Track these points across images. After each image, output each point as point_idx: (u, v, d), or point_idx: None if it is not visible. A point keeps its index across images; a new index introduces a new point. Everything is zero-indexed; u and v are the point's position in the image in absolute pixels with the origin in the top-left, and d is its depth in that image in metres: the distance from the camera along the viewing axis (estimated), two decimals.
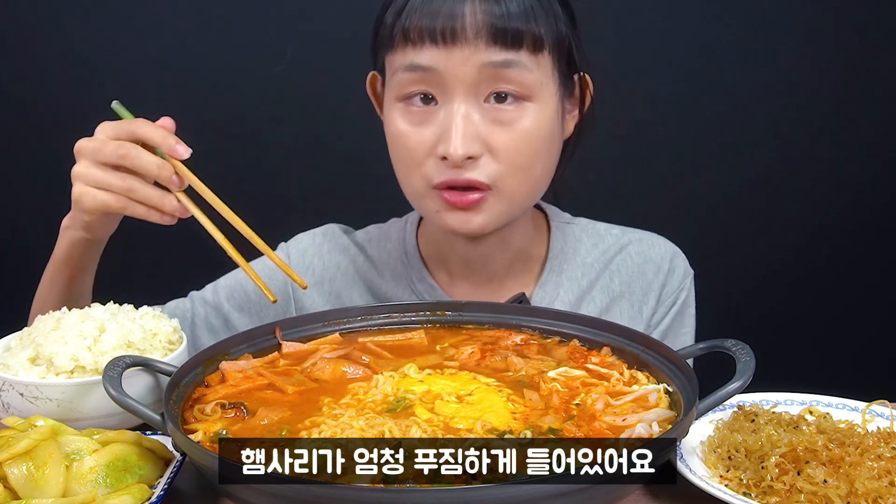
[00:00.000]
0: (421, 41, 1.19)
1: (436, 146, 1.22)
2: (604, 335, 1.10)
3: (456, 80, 1.19)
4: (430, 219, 1.33)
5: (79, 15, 2.24)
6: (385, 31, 1.24)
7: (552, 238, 1.45)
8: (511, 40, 1.18)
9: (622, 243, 1.46)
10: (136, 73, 2.22)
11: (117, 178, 1.16)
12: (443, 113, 1.22)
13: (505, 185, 1.24)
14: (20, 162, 2.30)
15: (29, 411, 1.00)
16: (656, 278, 1.44)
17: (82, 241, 1.26)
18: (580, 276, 1.43)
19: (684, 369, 0.94)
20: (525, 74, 1.20)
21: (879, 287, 2.46)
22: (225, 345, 1.07)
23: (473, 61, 1.18)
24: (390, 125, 1.28)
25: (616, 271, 1.44)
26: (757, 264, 2.42)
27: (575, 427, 0.90)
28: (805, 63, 2.32)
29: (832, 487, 0.85)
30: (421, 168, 1.25)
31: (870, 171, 2.40)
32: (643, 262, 1.45)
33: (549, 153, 1.28)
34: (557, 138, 1.29)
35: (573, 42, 1.27)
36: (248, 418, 0.93)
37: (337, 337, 1.14)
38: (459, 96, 1.20)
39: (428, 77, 1.21)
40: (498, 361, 1.08)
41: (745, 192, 2.40)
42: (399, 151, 1.28)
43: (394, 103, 1.26)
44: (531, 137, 1.23)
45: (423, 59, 1.20)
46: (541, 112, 1.23)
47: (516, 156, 1.23)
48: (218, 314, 1.46)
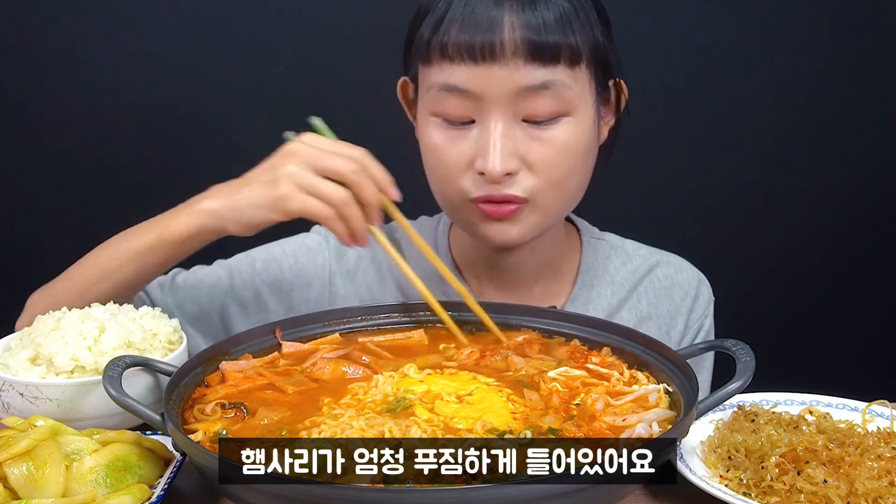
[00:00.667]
0: (459, 57, 1.18)
1: (473, 161, 1.22)
2: (604, 335, 1.10)
3: (493, 102, 1.19)
4: (465, 229, 1.32)
5: (79, 15, 2.24)
6: (421, 42, 1.22)
7: (584, 253, 1.45)
8: (548, 56, 1.17)
9: (650, 265, 1.47)
10: (136, 73, 2.22)
11: (336, 189, 1.11)
12: (480, 130, 1.21)
13: (542, 199, 1.24)
14: (20, 162, 2.30)
15: (29, 411, 1.00)
16: (683, 303, 1.45)
17: (215, 232, 1.19)
18: (609, 294, 1.43)
19: (684, 369, 0.94)
20: (563, 92, 1.19)
21: (879, 287, 2.45)
22: (225, 345, 1.07)
23: (510, 84, 1.17)
24: (425, 137, 1.27)
25: (644, 293, 1.44)
26: (756, 264, 2.41)
27: (575, 427, 0.90)
28: (803, 63, 2.32)
29: (832, 487, 0.85)
30: (457, 182, 1.24)
31: (869, 170, 2.39)
32: (671, 285, 1.45)
33: (585, 165, 1.28)
34: (594, 148, 1.29)
35: (609, 49, 1.26)
36: (248, 418, 0.93)
37: (337, 337, 1.14)
38: (496, 114, 1.19)
39: (464, 97, 1.20)
40: (498, 361, 1.08)
41: (745, 192, 2.40)
42: (434, 164, 1.27)
43: (428, 117, 1.25)
44: (568, 151, 1.22)
45: (460, 80, 1.19)
46: (578, 125, 1.23)
47: (553, 170, 1.22)
48: (251, 288, 1.42)
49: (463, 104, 1.20)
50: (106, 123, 2.23)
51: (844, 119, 2.35)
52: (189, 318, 1.36)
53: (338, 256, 1.44)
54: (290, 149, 1.14)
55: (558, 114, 1.21)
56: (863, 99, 2.34)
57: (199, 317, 1.37)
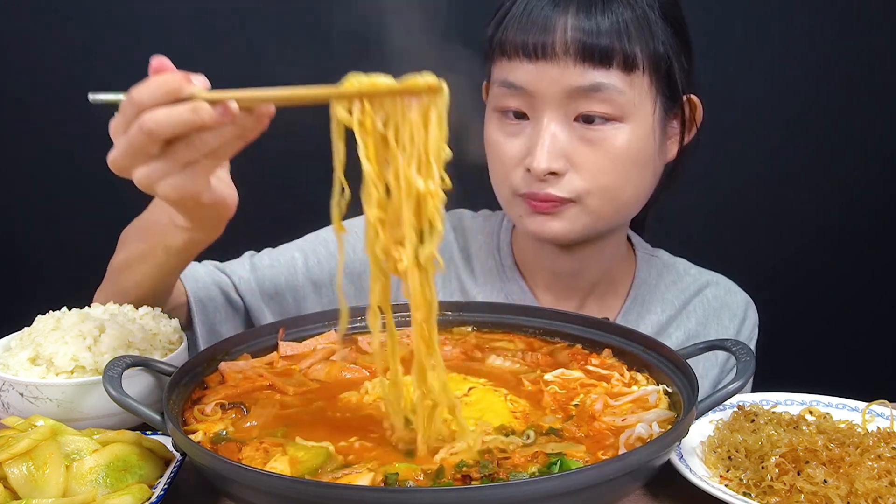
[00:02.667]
0: (515, 54, 1.22)
1: (524, 157, 1.25)
2: (605, 335, 1.10)
3: (545, 100, 1.22)
4: (516, 223, 1.37)
5: (79, 15, 2.24)
6: (487, 42, 1.28)
7: (638, 268, 1.46)
8: (600, 58, 1.18)
9: (700, 285, 1.47)
10: (136, 73, 2.22)
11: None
12: (533, 127, 1.24)
13: (590, 202, 1.25)
14: (20, 162, 2.30)
15: (29, 411, 1.00)
16: (731, 324, 1.45)
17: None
18: (660, 310, 1.44)
19: (684, 369, 0.94)
20: (615, 96, 1.20)
21: (879, 287, 2.46)
22: (224, 345, 1.07)
23: (562, 83, 1.20)
24: (488, 133, 1.31)
25: (693, 311, 1.45)
26: (757, 265, 2.40)
27: (575, 427, 0.90)
28: (803, 63, 2.32)
29: (832, 487, 0.85)
30: (510, 177, 1.27)
31: (870, 170, 2.39)
32: (720, 307, 1.46)
33: (640, 175, 1.27)
34: (652, 160, 1.28)
35: (676, 63, 1.25)
36: (249, 418, 0.93)
37: (335, 337, 1.14)
38: (549, 114, 1.22)
39: (519, 95, 1.24)
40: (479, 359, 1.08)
41: (746, 193, 2.40)
42: (493, 160, 1.31)
43: (492, 112, 1.30)
44: (618, 157, 1.23)
45: (515, 77, 1.23)
46: (631, 132, 1.23)
47: (601, 175, 1.23)
48: (326, 269, 1.41)
49: (520, 101, 1.24)
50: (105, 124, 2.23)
51: (845, 119, 2.36)
52: (265, 297, 1.38)
53: None
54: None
55: (611, 117, 1.21)
56: (863, 99, 2.34)
57: (273, 296, 1.39)
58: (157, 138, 0.88)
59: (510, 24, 1.23)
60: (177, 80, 0.88)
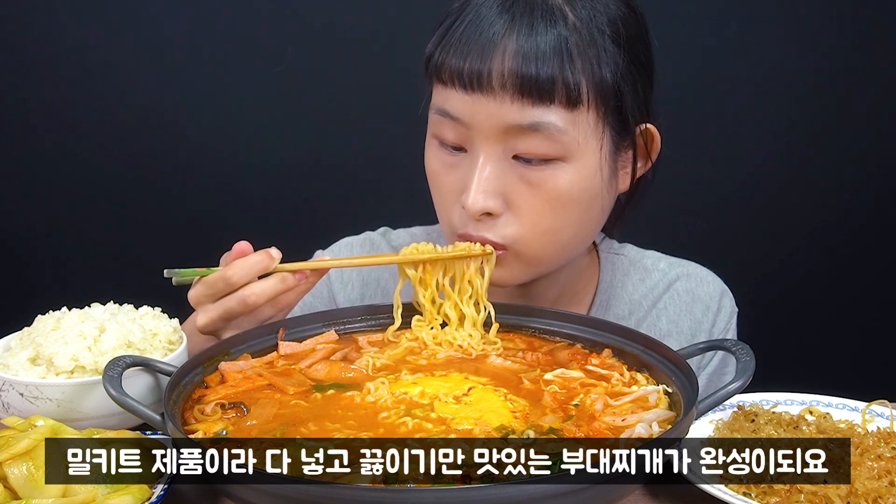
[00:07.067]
0: (451, 82, 1.13)
1: (462, 193, 1.16)
2: (605, 335, 1.10)
3: (482, 134, 1.13)
4: None
5: (78, 15, 2.24)
6: (427, 61, 1.19)
7: (601, 272, 1.40)
8: (539, 94, 1.09)
9: (669, 279, 1.41)
10: (135, 72, 2.22)
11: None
12: (470, 161, 1.16)
13: (525, 248, 1.17)
14: (20, 162, 2.30)
15: (29, 411, 1.00)
16: (705, 318, 1.38)
17: None
18: (627, 313, 1.38)
19: (684, 369, 0.94)
20: (557, 135, 1.10)
21: (879, 287, 2.46)
22: (224, 345, 1.07)
23: (499, 119, 1.11)
24: (427, 160, 1.24)
25: (663, 309, 1.39)
26: (756, 265, 2.41)
27: (575, 427, 0.90)
28: (802, 63, 2.32)
29: (832, 487, 0.85)
30: (448, 211, 1.21)
31: (870, 170, 2.39)
32: (691, 300, 1.39)
33: (585, 215, 1.19)
34: (599, 198, 1.19)
35: (629, 92, 1.15)
36: (248, 418, 0.93)
37: (334, 336, 1.14)
38: (485, 149, 1.13)
39: (456, 125, 1.15)
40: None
41: (745, 193, 2.40)
42: (434, 190, 1.24)
43: (431, 137, 1.22)
44: (559, 199, 1.14)
45: (451, 106, 1.14)
46: (575, 173, 1.14)
47: (539, 218, 1.15)
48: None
49: (455, 133, 1.16)
50: (105, 124, 2.23)
51: (844, 119, 2.36)
52: None
53: (340, 284, 1.45)
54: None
55: (551, 157, 1.12)
56: (863, 99, 2.34)
57: None
58: (253, 307, 1.10)
59: (449, 44, 1.13)
60: (265, 261, 1.10)
